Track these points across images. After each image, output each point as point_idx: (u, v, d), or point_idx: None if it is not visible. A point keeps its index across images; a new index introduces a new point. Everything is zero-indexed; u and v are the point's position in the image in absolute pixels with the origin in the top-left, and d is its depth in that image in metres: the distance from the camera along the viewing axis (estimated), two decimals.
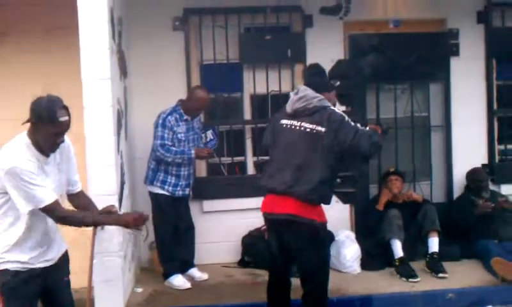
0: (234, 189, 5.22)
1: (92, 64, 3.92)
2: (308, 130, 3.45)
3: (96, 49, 3.93)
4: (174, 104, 4.69)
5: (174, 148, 4.55)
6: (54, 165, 2.85)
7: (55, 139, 2.72)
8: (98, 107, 3.94)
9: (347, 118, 3.46)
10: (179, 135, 4.59)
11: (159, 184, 4.62)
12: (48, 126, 2.67)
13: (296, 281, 3.74)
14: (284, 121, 3.58)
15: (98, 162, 3.94)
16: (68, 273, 3.10)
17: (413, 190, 5.31)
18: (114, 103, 4.08)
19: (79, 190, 3.10)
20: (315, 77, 3.72)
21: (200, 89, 4.77)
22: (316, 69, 3.77)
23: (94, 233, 3.81)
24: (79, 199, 3.09)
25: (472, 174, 5.36)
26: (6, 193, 2.73)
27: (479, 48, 5.59)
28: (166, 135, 4.52)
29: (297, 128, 3.50)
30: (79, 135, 3.95)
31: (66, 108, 2.74)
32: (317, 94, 3.53)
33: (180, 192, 4.68)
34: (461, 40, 5.55)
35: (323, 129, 3.40)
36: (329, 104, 3.53)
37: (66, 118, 2.72)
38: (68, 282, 3.09)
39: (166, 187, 4.62)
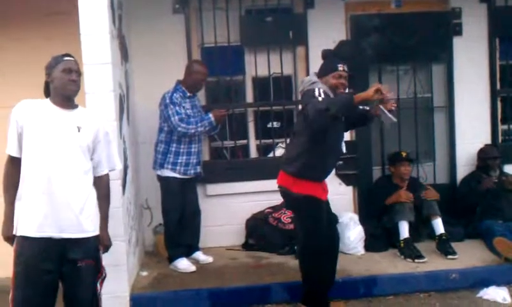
0: (237, 173, 5.23)
1: (93, 49, 3.88)
2: (299, 110, 3.70)
3: (97, 34, 3.89)
4: (173, 85, 4.67)
5: (193, 119, 4.56)
6: (72, 124, 2.91)
7: (67, 77, 2.90)
8: (99, 92, 3.91)
9: (317, 93, 3.45)
10: (187, 111, 4.59)
11: (170, 166, 4.60)
12: (57, 68, 2.92)
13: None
14: None
15: None
16: (86, 258, 2.88)
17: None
18: (116, 88, 4.06)
19: (99, 174, 3.04)
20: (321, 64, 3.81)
21: (197, 63, 4.79)
22: (322, 55, 3.83)
23: None
24: (96, 185, 3.03)
25: (481, 152, 5.37)
26: None
27: (481, 27, 5.54)
28: (179, 110, 4.51)
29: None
30: None
31: (69, 54, 3.00)
32: (312, 79, 3.69)
33: (192, 171, 4.67)
34: (464, 20, 5.51)
35: (300, 107, 3.66)
36: (319, 86, 3.55)
37: (71, 58, 2.98)
38: (83, 269, 2.87)
39: (178, 168, 4.60)
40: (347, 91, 3.72)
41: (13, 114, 2.89)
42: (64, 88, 2.91)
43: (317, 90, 3.49)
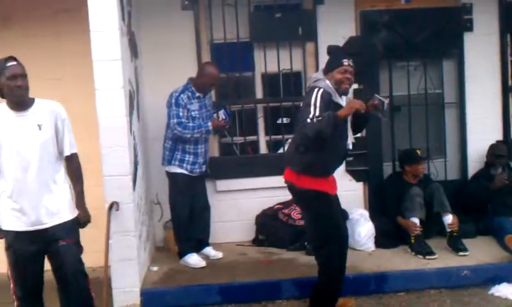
0: (247, 169, 5.23)
1: (102, 45, 3.90)
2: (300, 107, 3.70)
3: (106, 30, 3.91)
4: (184, 83, 4.67)
5: (191, 124, 4.55)
6: (32, 124, 3.11)
7: (12, 83, 3.05)
8: (109, 88, 3.93)
9: (313, 102, 3.45)
10: (193, 113, 4.58)
11: (177, 163, 4.61)
12: (3, 76, 3.05)
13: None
14: None
15: (111, 143, 3.95)
16: (67, 238, 3.17)
17: None
18: (126, 84, 4.07)
19: (66, 155, 3.27)
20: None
21: (210, 65, 4.76)
22: (327, 51, 3.83)
23: (109, 213, 3.88)
24: (67, 163, 3.29)
25: (491, 149, 5.33)
26: None
27: (492, 23, 5.50)
28: (181, 113, 4.51)
29: None
30: (91, 117, 3.98)
31: (13, 57, 3.13)
32: (317, 76, 3.70)
33: (198, 170, 4.69)
34: (475, 15, 5.47)
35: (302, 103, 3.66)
36: (320, 85, 3.56)
37: (14, 62, 3.11)
38: (66, 246, 3.16)
39: (185, 165, 4.62)
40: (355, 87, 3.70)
41: None
42: (12, 95, 3.09)
43: (314, 94, 3.49)
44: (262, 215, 5.17)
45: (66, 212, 3.20)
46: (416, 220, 4.77)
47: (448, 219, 4.78)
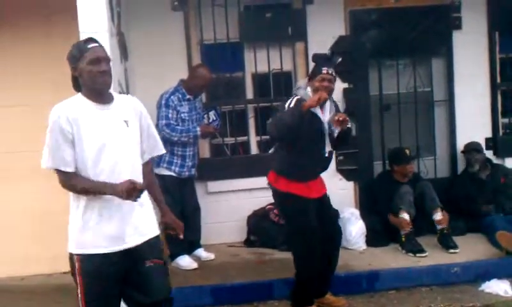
0: (238, 169, 5.23)
1: None
2: None
3: (96, 32, 3.85)
4: (175, 84, 4.67)
5: (179, 127, 4.54)
6: (119, 120, 2.53)
7: (95, 69, 2.45)
8: None
9: (287, 104, 3.61)
10: (182, 115, 4.57)
11: (165, 165, 4.61)
12: (84, 59, 2.47)
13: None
14: None
15: None
16: (153, 258, 2.59)
17: None
18: (116, 86, 4.04)
19: (145, 161, 2.70)
20: None
21: (202, 67, 4.75)
22: (312, 59, 3.91)
23: None
24: (144, 173, 2.66)
25: (465, 150, 5.39)
26: None
27: (481, 21, 5.54)
28: (170, 115, 4.51)
29: None
30: None
31: (94, 39, 2.56)
32: (299, 84, 3.88)
33: (187, 173, 4.68)
34: (464, 13, 5.50)
35: None
36: (298, 93, 3.71)
37: (96, 43, 2.53)
38: (153, 268, 2.58)
39: (173, 167, 4.61)
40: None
41: (55, 124, 2.41)
42: (95, 82, 2.48)
43: (289, 101, 3.66)
44: (253, 216, 5.18)
45: (155, 227, 2.66)
46: (406, 217, 4.78)
47: (437, 215, 4.80)
